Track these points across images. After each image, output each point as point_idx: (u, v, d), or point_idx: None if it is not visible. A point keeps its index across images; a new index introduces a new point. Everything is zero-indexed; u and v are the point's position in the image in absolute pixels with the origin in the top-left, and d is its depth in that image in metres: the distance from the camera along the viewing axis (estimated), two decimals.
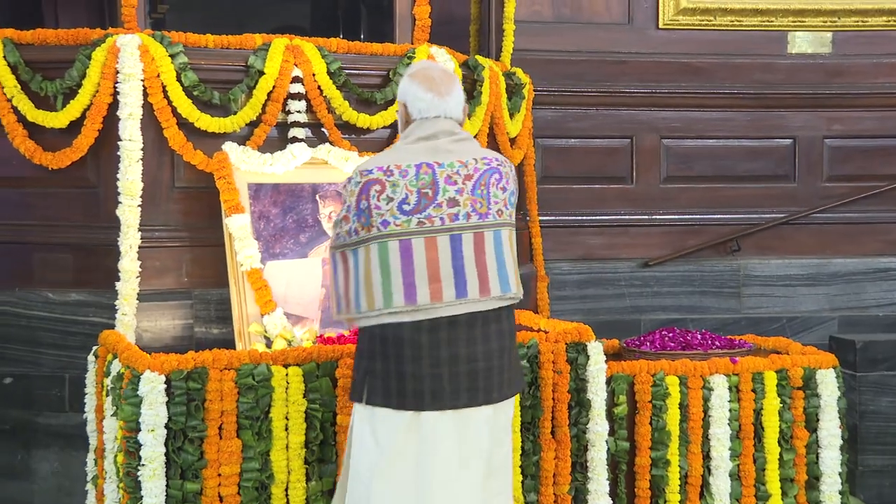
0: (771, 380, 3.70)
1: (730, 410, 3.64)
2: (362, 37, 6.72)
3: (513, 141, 4.62)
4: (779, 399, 3.70)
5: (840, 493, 3.73)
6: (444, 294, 2.63)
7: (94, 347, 3.48)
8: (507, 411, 2.79)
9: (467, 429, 2.68)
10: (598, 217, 5.20)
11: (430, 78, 2.77)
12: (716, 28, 5.24)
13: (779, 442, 3.70)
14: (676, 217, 5.26)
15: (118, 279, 3.61)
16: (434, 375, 2.64)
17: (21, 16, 5.57)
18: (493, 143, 4.44)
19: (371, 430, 2.70)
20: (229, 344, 3.52)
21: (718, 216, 5.28)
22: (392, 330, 2.64)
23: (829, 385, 3.74)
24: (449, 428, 2.66)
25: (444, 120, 2.75)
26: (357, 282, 2.69)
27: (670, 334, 3.98)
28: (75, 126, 3.67)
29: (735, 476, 3.66)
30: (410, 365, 2.64)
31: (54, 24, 5.41)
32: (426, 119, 2.74)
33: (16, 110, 3.71)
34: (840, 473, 3.74)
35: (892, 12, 5.30)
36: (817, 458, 3.74)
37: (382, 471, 2.66)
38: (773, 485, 3.69)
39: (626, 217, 5.23)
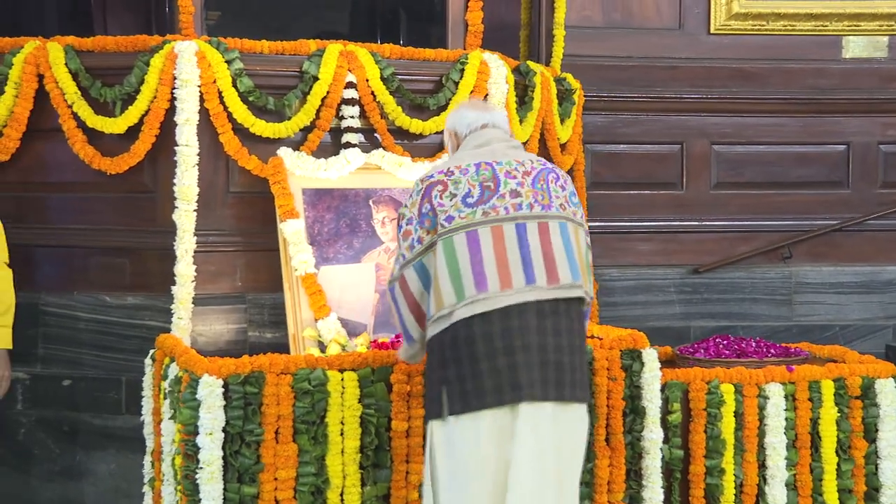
0: (828, 389, 3.64)
1: (786, 419, 3.59)
2: (402, 42, 6.73)
3: (563, 146, 4.61)
4: (836, 408, 3.64)
5: None
6: (513, 280, 2.63)
7: (152, 351, 3.51)
8: (579, 419, 2.74)
9: (543, 425, 2.64)
10: (647, 223, 5.16)
11: (473, 102, 2.94)
12: (768, 33, 5.19)
13: (836, 452, 3.64)
14: (727, 223, 5.21)
15: (174, 283, 3.65)
16: (510, 366, 2.61)
17: (71, 22, 5.67)
18: (543, 149, 4.43)
19: (450, 442, 2.65)
20: (282, 348, 3.54)
21: (770, 223, 5.22)
22: (463, 330, 2.62)
23: (888, 395, 3.67)
24: (527, 424, 2.61)
25: (492, 129, 2.85)
26: (429, 296, 2.69)
27: (724, 342, 3.93)
28: (133, 131, 3.71)
29: (791, 486, 3.60)
30: (485, 361, 2.61)
31: (103, 31, 5.49)
32: (476, 130, 2.83)
33: (76, 116, 3.77)
34: None
35: None
36: (876, 469, 3.68)
37: (465, 483, 2.62)
38: (831, 495, 3.63)
39: (676, 223, 5.18)
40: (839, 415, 3.64)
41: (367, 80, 3.83)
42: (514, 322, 2.62)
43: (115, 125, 3.72)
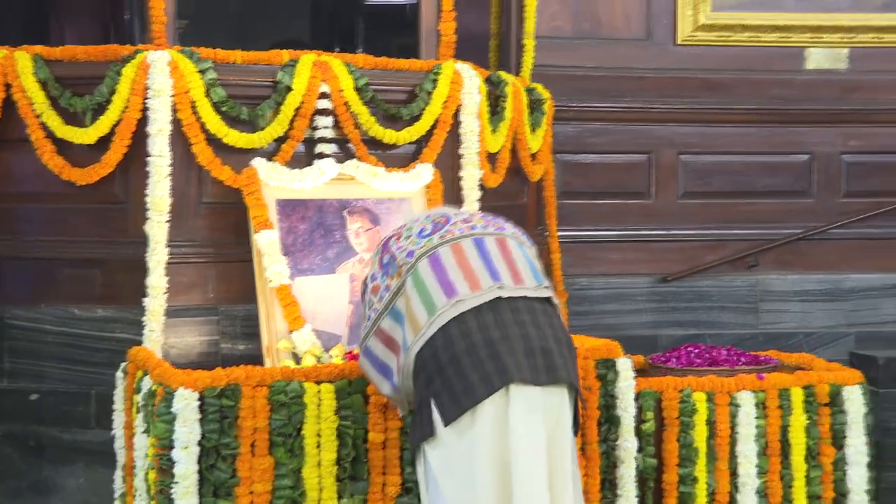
0: (797, 396, 3.70)
1: (756, 427, 3.64)
2: (360, 49, 6.73)
3: (534, 156, 4.62)
4: (806, 415, 3.70)
5: None
6: (480, 282, 2.62)
7: (123, 364, 3.47)
8: (567, 403, 2.64)
9: (536, 411, 2.54)
10: (617, 232, 5.20)
11: None
12: (734, 44, 5.25)
13: (806, 459, 3.70)
14: (694, 232, 5.25)
15: (145, 295, 3.60)
16: (492, 355, 2.53)
17: (28, 30, 5.60)
18: (514, 159, 4.44)
19: (449, 458, 2.56)
20: (255, 360, 3.51)
21: (736, 231, 5.27)
22: (440, 338, 2.58)
23: (855, 401, 3.74)
24: (520, 409, 2.52)
25: None
26: (404, 330, 2.66)
27: (696, 350, 3.98)
28: (104, 142, 3.66)
29: (762, 493, 3.65)
30: (466, 357, 2.54)
31: (61, 39, 5.43)
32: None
33: (45, 126, 3.70)
34: (867, 490, 3.73)
35: None
36: (844, 475, 3.73)
37: (472, 491, 2.52)
38: (800, 502, 3.69)
39: (645, 232, 5.23)
40: (808, 422, 3.69)
41: (341, 91, 3.81)
42: (489, 318, 2.58)
43: (86, 135, 3.66)
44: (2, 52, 3.74)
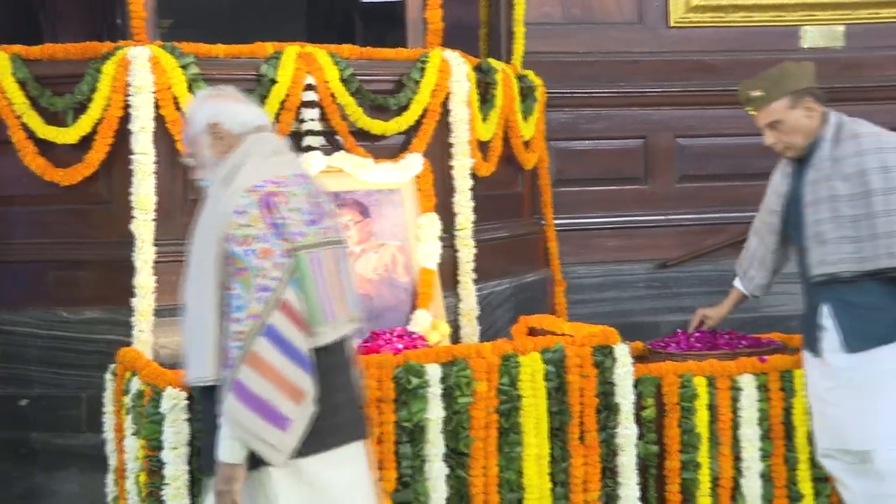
0: (799, 378, 3.63)
1: (759, 410, 3.58)
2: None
3: (527, 144, 4.57)
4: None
5: None
6: (347, 310, 2.45)
7: (112, 366, 3.41)
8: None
9: (361, 465, 2.52)
10: (613, 219, 5.15)
11: (231, 93, 2.55)
12: (728, 24, 5.20)
13: (809, 441, 3.63)
14: (693, 217, 5.21)
15: (134, 295, 3.55)
16: (351, 399, 2.49)
17: (21, 32, 5.55)
18: (507, 147, 4.39)
19: (300, 489, 2.39)
20: None
21: (735, 214, 5.20)
22: (323, 359, 2.38)
23: None
24: (363, 460, 2.51)
25: (269, 132, 2.53)
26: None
27: (696, 335, 3.91)
28: (86, 141, 3.62)
29: (766, 477, 3.59)
30: (340, 392, 2.44)
31: (52, 39, 5.37)
32: (254, 132, 2.46)
33: (25, 127, 3.66)
34: None
35: None
36: None
37: None
38: (805, 485, 3.61)
39: (642, 218, 5.18)
40: None
41: (327, 82, 3.76)
42: (343, 356, 2.48)
43: (67, 135, 3.62)
44: None
